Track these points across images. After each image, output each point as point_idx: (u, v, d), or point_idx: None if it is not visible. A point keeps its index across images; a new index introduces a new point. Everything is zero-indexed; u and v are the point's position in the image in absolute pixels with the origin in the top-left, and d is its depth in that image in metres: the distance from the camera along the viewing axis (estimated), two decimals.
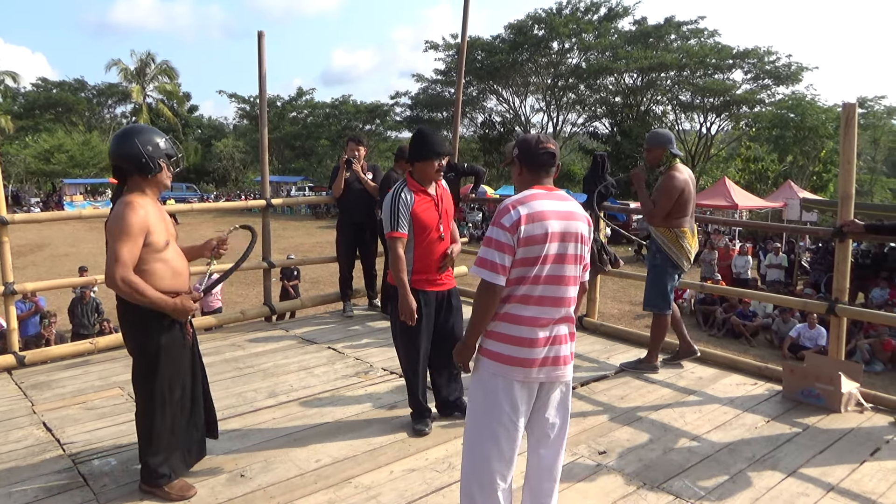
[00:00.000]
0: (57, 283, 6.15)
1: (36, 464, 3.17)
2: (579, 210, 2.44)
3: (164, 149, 2.84)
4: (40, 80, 50.85)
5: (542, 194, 2.39)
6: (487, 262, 2.31)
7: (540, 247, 2.30)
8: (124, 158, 2.78)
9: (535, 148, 2.45)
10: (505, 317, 2.37)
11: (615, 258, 5.55)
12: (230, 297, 12.92)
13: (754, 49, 31.23)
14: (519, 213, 2.31)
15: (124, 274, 2.63)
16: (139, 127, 2.91)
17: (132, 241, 2.66)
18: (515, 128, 39.47)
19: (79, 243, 23.94)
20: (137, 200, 2.73)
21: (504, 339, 2.37)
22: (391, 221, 3.40)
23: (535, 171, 2.46)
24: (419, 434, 3.52)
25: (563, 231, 2.35)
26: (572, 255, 2.38)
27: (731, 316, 11.98)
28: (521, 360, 2.34)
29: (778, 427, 3.70)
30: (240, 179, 50.43)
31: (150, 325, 2.78)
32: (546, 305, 2.36)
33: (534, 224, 2.30)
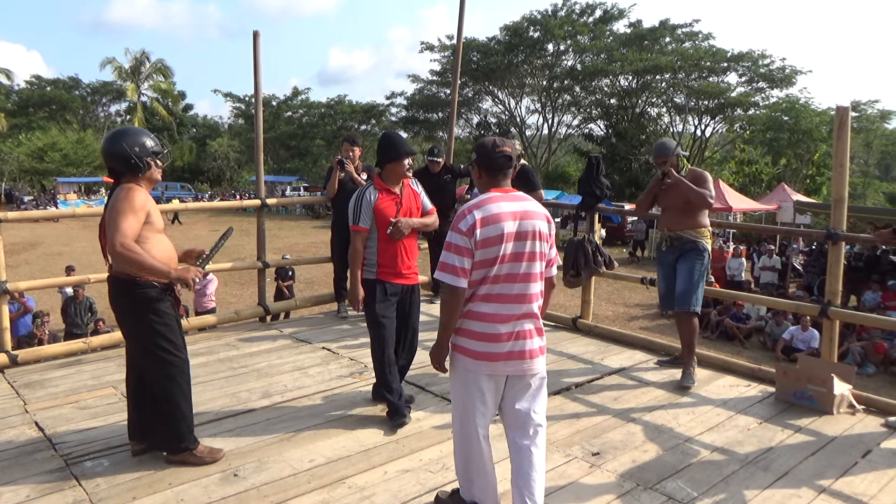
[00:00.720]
0: (50, 283, 6.13)
1: (27, 464, 3.15)
2: (537, 209, 2.56)
3: (150, 147, 3.05)
4: (34, 78, 50.63)
5: (498, 196, 2.52)
6: (448, 266, 2.46)
7: (496, 247, 2.44)
8: (115, 160, 3.00)
9: (492, 151, 2.57)
10: (470, 314, 2.52)
11: (610, 260, 5.57)
12: (224, 297, 12.89)
13: (748, 52, 31.38)
14: (475, 216, 2.44)
15: (123, 240, 2.81)
16: (126, 130, 3.14)
17: (133, 215, 2.87)
18: (511, 129, 39.51)
19: (72, 242, 23.84)
20: (136, 186, 2.98)
21: (470, 335, 2.52)
22: (353, 216, 3.69)
23: (492, 173, 2.58)
24: (399, 427, 3.63)
25: (519, 230, 2.48)
26: (531, 253, 2.50)
27: (725, 318, 12.02)
28: (486, 354, 2.49)
29: (771, 429, 3.71)
30: (234, 179, 50.33)
31: (147, 302, 2.99)
32: (507, 302, 2.49)
33: (489, 227, 2.43)
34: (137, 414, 3.19)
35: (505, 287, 2.49)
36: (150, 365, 3.08)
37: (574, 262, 5.45)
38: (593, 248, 5.44)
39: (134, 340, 3.12)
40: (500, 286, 2.48)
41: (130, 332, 3.11)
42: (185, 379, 3.12)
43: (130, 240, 2.84)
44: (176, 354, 3.08)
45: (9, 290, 4.69)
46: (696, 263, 4.41)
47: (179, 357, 3.10)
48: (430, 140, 39.08)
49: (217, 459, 3.16)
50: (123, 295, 3.03)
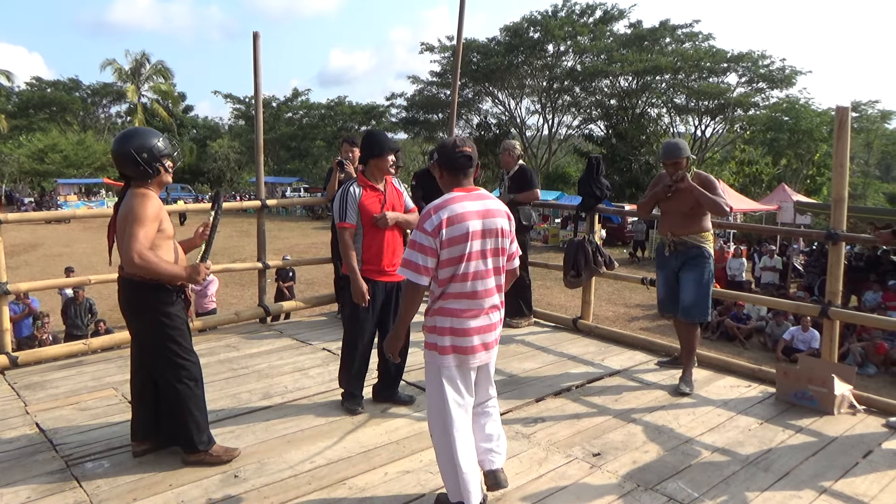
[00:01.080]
0: (50, 284, 6.13)
1: (28, 465, 3.16)
2: (499, 206, 2.67)
3: (160, 150, 3.02)
4: (34, 80, 50.60)
5: (461, 196, 2.60)
6: (411, 264, 2.56)
7: (462, 245, 2.54)
8: (123, 163, 3.00)
9: (452, 151, 2.64)
10: (442, 311, 2.62)
11: (610, 260, 5.57)
12: (225, 298, 12.89)
13: (748, 53, 31.40)
14: (440, 217, 2.52)
15: (139, 249, 2.86)
16: (135, 131, 3.11)
17: (149, 224, 2.91)
18: (511, 129, 39.50)
19: (73, 243, 23.84)
20: (149, 192, 3.00)
21: (443, 332, 2.62)
22: (339, 213, 3.76)
23: (453, 173, 2.66)
24: (352, 413, 3.79)
25: (484, 229, 2.59)
26: (494, 249, 2.63)
27: (726, 318, 12.02)
28: (461, 349, 2.61)
29: (771, 429, 3.71)
30: (235, 180, 50.33)
31: (158, 305, 3.02)
32: (477, 298, 2.62)
33: (454, 226, 2.52)
34: (142, 414, 3.20)
35: (473, 284, 2.60)
36: (161, 368, 3.09)
37: (574, 263, 5.46)
38: (593, 249, 5.45)
39: (145, 343, 3.13)
40: (470, 283, 2.59)
41: (141, 334, 3.13)
42: (197, 381, 3.14)
43: (146, 249, 2.88)
44: (187, 357, 3.10)
45: (9, 291, 4.69)
46: (703, 271, 4.28)
47: (190, 360, 3.12)
48: (430, 141, 39.11)
49: (233, 458, 3.17)
50: (135, 297, 3.05)
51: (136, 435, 3.22)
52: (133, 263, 2.87)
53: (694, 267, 4.27)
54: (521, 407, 3.98)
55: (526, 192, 5.70)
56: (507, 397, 4.12)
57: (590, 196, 5.67)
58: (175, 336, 3.06)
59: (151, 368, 3.13)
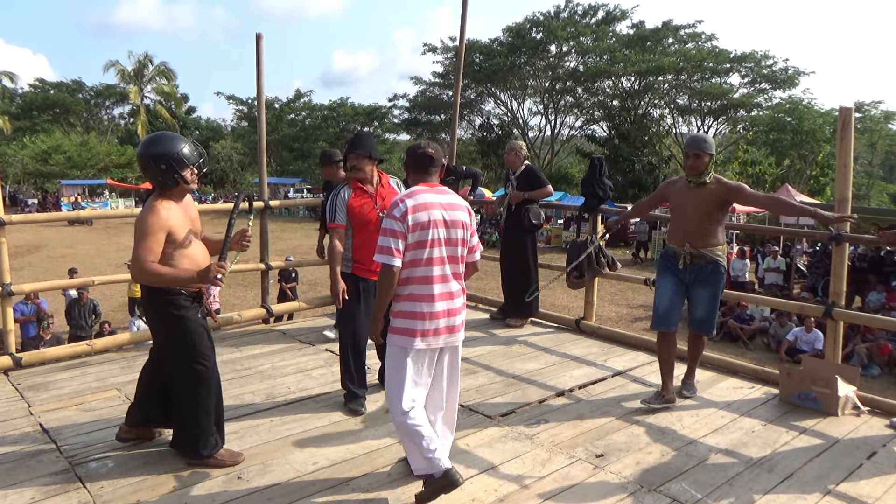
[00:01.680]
0: (54, 285, 6.14)
1: (32, 466, 3.16)
2: (460, 201, 2.94)
3: (180, 160, 3.00)
4: (38, 81, 50.80)
5: (425, 189, 2.88)
6: (385, 248, 2.76)
7: (426, 232, 2.78)
8: (143, 169, 3.08)
9: (416, 153, 2.96)
10: (409, 297, 2.82)
11: (613, 261, 5.57)
12: (228, 298, 12.91)
13: (751, 53, 31.39)
14: (406, 204, 2.78)
15: (144, 266, 2.92)
16: (160, 137, 3.10)
17: (150, 238, 2.94)
18: (513, 130, 39.51)
19: (76, 244, 23.90)
20: (161, 203, 3.01)
21: (408, 315, 2.81)
22: (329, 214, 3.92)
23: (419, 171, 2.96)
24: (355, 413, 3.83)
25: (446, 219, 2.83)
26: (457, 239, 2.86)
27: (729, 319, 11.99)
28: (423, 331, 2.79)
29: (775, 430, 3.70)
30: (238, 181, 50.42)
31: (173, 309, 3.05)
32: (441, 282, 2.83)
33: (419, 213, 2.77)
34: (140, 404, 3.29)
35: (440, 269, 2.82)
36: (175, 373, 3.12)
37: (577, 264, 5.46)
38: (596, 250, 5.45)
39: (160, 345, 3.20)
40: (436, 268, 2.81)
41: (158, 336, 3.20)
42: (211, 387, 3.13)
43: (149, 263, 2.93)
44: (202, 363, 3.10)
45: (13, 292, 4.70)
46: (719, 286, 4.04)
47: (205, 366, 3.11)
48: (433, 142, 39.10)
49: (237, 462, 3.17)
50: (153, 302, 3.09)
51: (130, 418, 3.31)
52: (139, 279, 3.02)
53: (710, 283, 3.99)
54: (524, 408, 3.98)
55: (538, 189, 5.73)
56: (510, 398, 4.12)
57: (593, 197, 5.67)
58: (192, 340, 3.07)
59: (166, 370, 3.16)
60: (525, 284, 5.76)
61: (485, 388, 4.28)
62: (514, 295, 5.84)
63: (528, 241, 5.83)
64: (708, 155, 3.91)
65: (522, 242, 5.80)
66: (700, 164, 3.89)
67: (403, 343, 2.82)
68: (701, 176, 3.91)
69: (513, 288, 5.85)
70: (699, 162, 3.89)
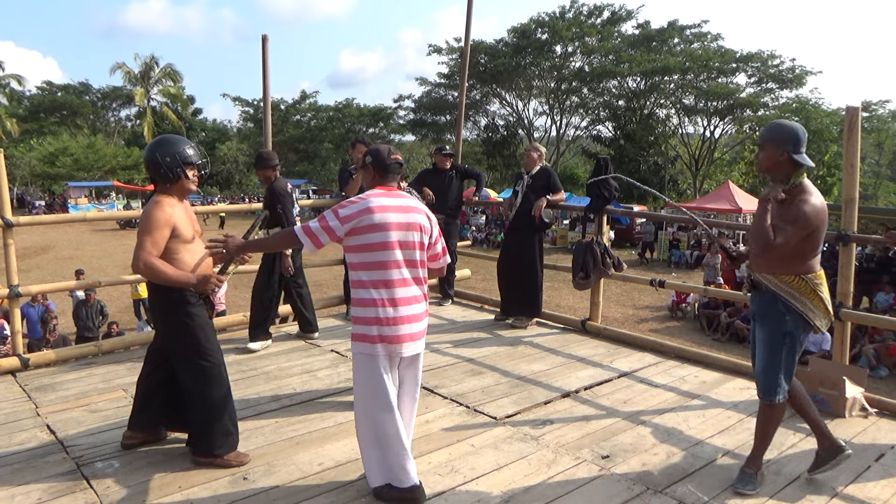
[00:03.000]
0: (62, 286, 6.17)
1: (39, 466, 3.17)
2: (418, 205, 2.88)
3: (185, 157, 3.11)
4: (45, 84, 51.12)
5: (383, 193, 2.83)
6: (309, 230, 2.72)
7: (381, 234, 2.72)
8: (148, 167, 3.15)
9: (387, 158, 2.91)
10: (366, 302, 2.75)
11: (618, 262, 5.56)
12: (233, 299, 12.94)
13: (758, 53, 31.30)
14: (357, 207, 2.73)
15: (145, 258, 2.96)
16: (164, 139, 3.21)
17: (156, 232, 2.99)
18: (519, 131, 39.48)
19: (83, 246, 24.02)
20: (166, 200, 3.08)
21: (368, 321, 2.74)
22: None
23: (384, 175, 2.90)
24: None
25: (403, 222, 2.77)
26: (415, 243, 2.80)
27: (735, 320, 11.95)
28: (383, 337, 2.73)
29: (782, 432, 3.67)
30: (243, 182, 50.58)
31: (180, 305, 3.08)
32: (400, 286, 2.76)
33: (373, 215, 2.72)
34: (141, 406, 3.29)
35: (396, 272, 2.75)
36: (182, 370, 3.16)
37: (583, 264, 5.45)
38: (602, 250, 5.44)
39: (167, 343, 3.22)
40: (396, 272, 2.75)
41: (163, 334, 3.23)
42: (218, 384, 3.16)
43: (151, 256, 2.97)
44: (207, 359, 3.13)
45: (21, 293, 4.73)
46: (773, 330, 2.99)
47: (210, 362, 3.14)
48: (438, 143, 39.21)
49: (243, 463, 3.18)
50: (158, 299, 3.14)
51: (133, 424, 3.32)
52: (139, 270, 3.02)
53: (763, 322, 3.04)
54: (529, 409, 3.97)
55: (557, 193, 5.82)
56: (516, 399, 4.11)
57: (598, 197, 5.66)
58: (197, 336, 3.11)
59: (175, 368, 3.19)
60: (533, 283, 5.78)
61: (490, 389, 4.28)
62: (521, 294, 5.85)
63: (535, 241, 5.85)
64: (772, 146, 2.92)
65: (531, 242, 5.82)
66: (763, 159, 2.99)
67: (365, 350, 2.75)
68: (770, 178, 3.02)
69: (519, 287, 5.85)
70: (762, 154, 3.00)
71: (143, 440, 3.35)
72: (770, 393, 3.05)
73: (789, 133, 2.90)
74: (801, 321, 2.97)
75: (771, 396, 3.05)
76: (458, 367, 4.71)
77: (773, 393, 3.04)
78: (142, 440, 3.34)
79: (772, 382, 3.03)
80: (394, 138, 48.48)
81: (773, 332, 3.01)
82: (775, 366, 3.02)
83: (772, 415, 3.09)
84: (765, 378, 3.05)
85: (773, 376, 3.03)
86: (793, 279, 2.92)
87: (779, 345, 3.00)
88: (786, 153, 2.89)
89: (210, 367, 3.13)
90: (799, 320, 2.97)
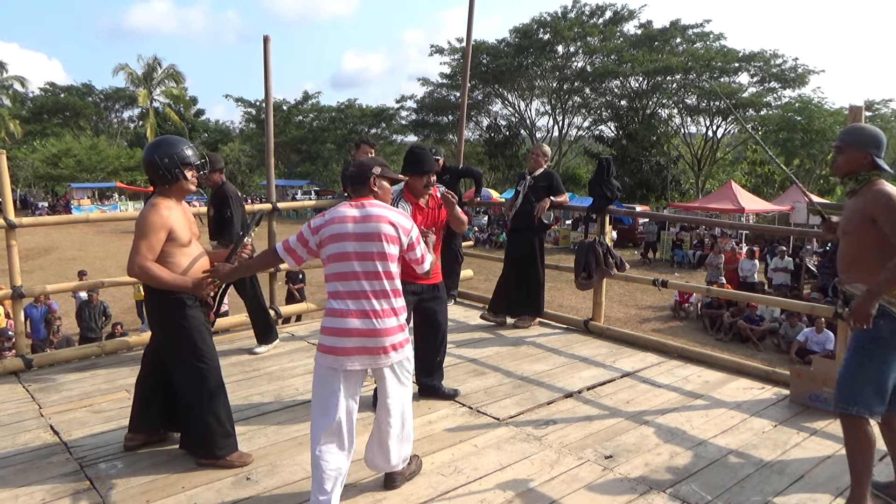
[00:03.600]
0: (65, 287, 6.17)
1: (43, 467, 3.18)
2: (382, 213, 2.77)
3: (183, 158, 3.11)
4: (48, 85, 51.20)
5: (348, 204, 2.81)
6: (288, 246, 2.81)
7: (339, 245, 2.71)
8: (147, 168, 3.15)
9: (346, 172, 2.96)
10: (327, 311, 2.74)
11: (621, 262, 5.55)
12: (236, 300, 12.95)
13: (760, 52, 31.23)
14: (325, 217, 2.76)
15: (141, 262, 2.97)
16: (163, 140, 3.22)
17: (152, 235, 2.99)
18: (521, 131, 39.46)
19: (86, 247, 24.06)
20: (163, 202, 3.07)
21: (325, 331, 2.72)
22: None
23: (352, 188, 2.91)
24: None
25: (361, 232, 2.72)
26: (373, 253, 2.72)
27: (738, 320, 11.93)
28: (333, 348, 2.68)
29: (786, 431, 3.68)
30: (246, 183, 50.58)
31: (176, 308, 3.08)
32: (355, 299, 2.70)
33: (334, 225, 2.73)
34: (140, 408, 3.30)
35: (358, 284, 2.70)
36: (178, 372, 3.16)
37: (585, 265, 5.45)
38: (604, 250, 5.44)
39: (163, 344, 3.22)
40: (354, 283, 2.70)
41: (160, 335, 3.24)
42: (214, 386, 3.16)
43: (146, 259, 2.98)
44: (204, 361, 3.13)
45: (24, 294, 4.74)
46: (863, 335, 2.76)
47: (207, 364, 3.14)
48: (440, 143, 39.22)
49: (246, 464, 3.18)
50: (154, 301, 3.14)
51: (133, 426, 3.33)
52: (134, 273, 3.03)
53: (856, 333, 2.82)
54: (532, 409, 3.97)
55: (560, 196, 5.81)
56: (519, 399, 4.11)
57: (600, 197, 5.65)
58: (193, 338, 3.11)
59: (171, 370, 3.19)
60: (535, 282, 5.77)
61: (493, 390, 4.28)
62: (522, 294, 5.84)
63: (535, 241, 5.84)
64: (853, 149, 2.84)
65: (530, 242, 5.81)
66: (842, 162, 2.89)
67: (318, 360, 2.74)
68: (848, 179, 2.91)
69: (520, 287, 5.84)
70: (841, 158, 2.89)
71: (144, 441, 3.35)
72: (846, 401, 2.73)
73: (872, 136, 2.86)
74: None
75: (846, 405, 2.73)
76: (460, 368, 4.71)
77: (848, 401, 2.73)
78: (143, 442, 3.35)
79: (848, 389, 2.74)
80: (396, 139, 48.49)
81: (861, 336, 2.76)
82: (856, 372, 2.75)
83: (851, 434, 2.75)
84: (842, 383, 2.78)
85: (850, 383, 2.75)
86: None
87: (865, 350, 2.75)
88: (870, 155, 2.81)
89: (206, 368, 3.13)
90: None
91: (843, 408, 2.75)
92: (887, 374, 2.71)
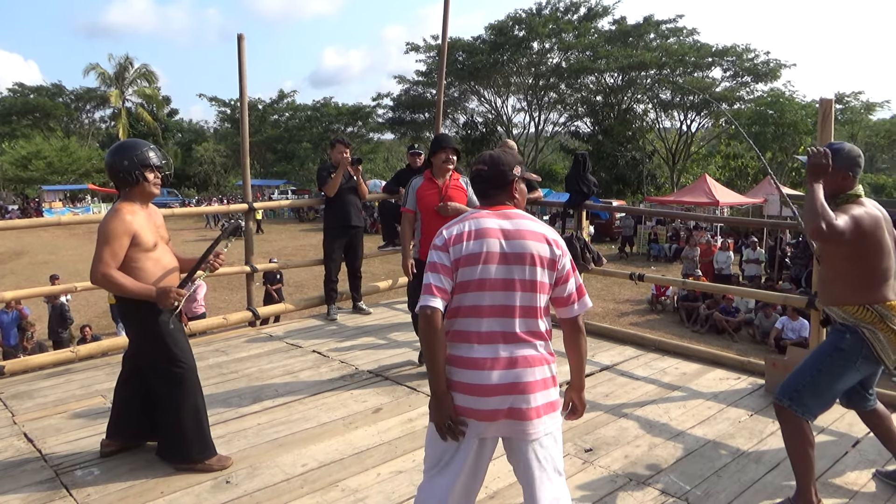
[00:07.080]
0: (36, 292, 6.05)
1: (17, 475, 3.12)
2: (540, 229, 2.17)
3: (145, 160, 3.03)
4: (17, 85, 50.09)
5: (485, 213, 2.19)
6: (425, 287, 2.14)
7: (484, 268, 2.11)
8: (108, 172, 3.10)
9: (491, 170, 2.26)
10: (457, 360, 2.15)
11: (598, 256, 5.59)
12: (213, 302, 12.82)
13: (733, 47, 31.58)
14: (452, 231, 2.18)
15: (104, 270, 2.92)
16: (125, 143, 3.17)
17: (115, 242, 2.92)
18: (498, 128, 39.53)
19: (58, 250, 23.64)
20: (125, 207, 3.00)
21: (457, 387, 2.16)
22: (403, 199, 4.52)
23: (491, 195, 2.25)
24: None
25: (513, 252, 2.11)
26: (522, 281, 2.15)
27: (714, 312, 12.09)
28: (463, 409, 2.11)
29: (761, 420, 3.74)
30: (221, 184, 50.07)
31: (148, 313, 3.02)
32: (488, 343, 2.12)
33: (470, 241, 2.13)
34: (117, 414, 3.27)
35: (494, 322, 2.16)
36: (153, 376, 3.12)
37: None
38: (581, 246, 5.47)
39: (138, 349, 3.19)
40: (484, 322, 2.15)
41: (135, 340, 3.20)
42: (191, 389, 3.12)
43: (109, 267, 2.92)
44: (179, 365, 3.08)
45: None
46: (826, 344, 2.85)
47: (183, 368, 3.09)
48: (417, 141, 39.12)
49: (225, 467, 3.15)
50: (127, 305, 3.09)
51: (110, 432, 3.29)
52: (97, 281, 2.97)
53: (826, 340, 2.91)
54: None
55: (532, 192, 5.83)
56: None
57: (577, 193, 5.69)
58: (167, 343, 3.06)
59: (147, 375, 3.15)
60: None
61: None
62: None
63: None
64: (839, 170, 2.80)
65: None
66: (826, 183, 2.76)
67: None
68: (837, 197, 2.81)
69: None
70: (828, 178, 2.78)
71: (121, 447, 3.30)
72: (784, 393, 2.78)
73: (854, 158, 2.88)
74: (864, 349, 2.70)
75: (781, 396, 2.78)
76: None
77: (786, 394, 2.77)
78: (120, 447, 3.30)
79: (793, 384, 2.78)
80: (373, 137, 48.28)
81: (825, 344, 2.83)
82: (809, 372, 2.77)
83: (784, 425, 2.80)
84: (791, 376, 2.81)
85: (797, 379, 2.78)
86: (857, 310, 2.70)
87: (823, 356, 2.78)
88: (850, 176, 2.84)
89: (182, 372, 3.09)
90: (861, 346, 2.71)
91: (778, 398, 2.81)
92: (837, 385, 2.76)
